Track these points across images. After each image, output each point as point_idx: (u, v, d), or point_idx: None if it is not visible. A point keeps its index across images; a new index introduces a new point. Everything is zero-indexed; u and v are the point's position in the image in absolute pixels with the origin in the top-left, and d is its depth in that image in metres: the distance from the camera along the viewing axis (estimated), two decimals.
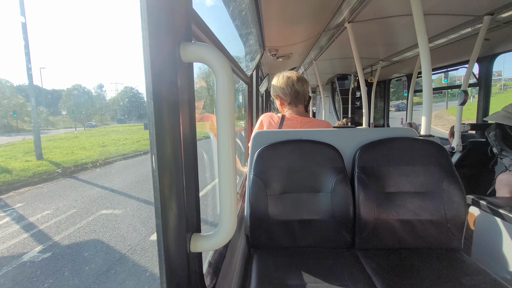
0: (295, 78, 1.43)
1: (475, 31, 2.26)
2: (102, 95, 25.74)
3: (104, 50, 74.96)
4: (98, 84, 27.76)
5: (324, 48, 3.20)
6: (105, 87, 27.15)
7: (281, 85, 1.44)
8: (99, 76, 73.13)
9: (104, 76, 69.24)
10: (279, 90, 1.46)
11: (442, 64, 3.65)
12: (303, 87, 1.44)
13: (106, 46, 70.22)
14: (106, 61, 72.21)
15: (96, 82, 42.44)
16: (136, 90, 10.40)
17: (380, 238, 1.12)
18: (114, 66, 64.11)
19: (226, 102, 0.48)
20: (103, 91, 26.89)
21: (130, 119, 19.29)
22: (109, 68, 63.55)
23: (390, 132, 1.27)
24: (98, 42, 63.66)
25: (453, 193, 1.10)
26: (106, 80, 29.13)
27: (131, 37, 64.36)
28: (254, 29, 2.03)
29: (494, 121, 1.93)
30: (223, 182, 0.50)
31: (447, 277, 0.93)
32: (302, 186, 1.16)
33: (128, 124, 17.87)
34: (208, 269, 0.80)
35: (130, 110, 21.03)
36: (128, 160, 9.20)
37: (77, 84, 25.70)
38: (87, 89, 21.78)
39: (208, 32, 0.77)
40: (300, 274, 0.95)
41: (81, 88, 20.64)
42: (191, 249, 0.53)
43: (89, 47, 73.48)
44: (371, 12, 2.02)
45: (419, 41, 1.43)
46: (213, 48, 0.48)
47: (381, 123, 5.57)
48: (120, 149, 10.17)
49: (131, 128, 16.52)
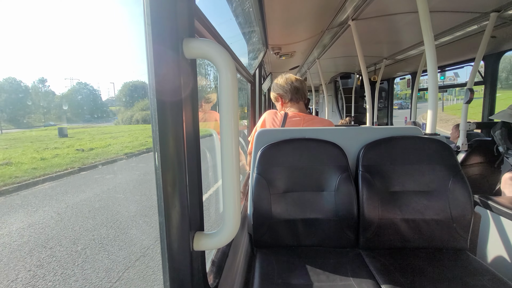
0: (293, 78, 1.55)
1: (481, 29, 2.23)
2: (45, 92, 21.10)
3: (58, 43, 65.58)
4: (39, 79, 21.66)
5: (328, 46, 3.18)
6: (50, 82, 22.96)
7: (281, 83, 1.54)
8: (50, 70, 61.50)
9: (57, 70, 58.14)
10: (279, 89, 1.54)
11: (447, 62, 3.61)
12: (301, 84, 1.54)
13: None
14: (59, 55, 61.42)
15: (38, 76, 35.46)
16: (90, 87, 8.78)
17: (384, 238, 1.10)
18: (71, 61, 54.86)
19: (229, 99, 0.48)
20: (46, 86, 21.59)
21: (75, 120, 16.59)
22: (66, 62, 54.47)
23: (395, 130, 1.26)
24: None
25: (459, 192, 1.09)
26: (60, 75, 24.97)
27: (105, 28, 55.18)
28: (257, 27, 2.02)
29: (500, 120, 1.91)
30: (227, 180, 0.50)
31: (452, 277, 0.91)
32: (305, 185, 1.16)
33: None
34: (211, 268, 0.80)
35: (78, 110, 17.62)
36: None
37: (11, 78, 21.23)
38: (23, 84, 18.23)
39: (211, 29, 0.76)
40: (304, 273, 0.95)
41: (15, 82, 17.32)
42: (194, 247, 0.52)
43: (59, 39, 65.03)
44: (375, 9, 2.00)
45: (425, 38, 1.41)
46: (216, 44, 0.47)
47: (384, 121, 5.52)
48: None
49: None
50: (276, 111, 1.52)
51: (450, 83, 13.51)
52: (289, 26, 2.32)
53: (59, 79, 27.04)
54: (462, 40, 2.59)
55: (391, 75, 5.11)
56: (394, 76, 5.15)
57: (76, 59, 25.88)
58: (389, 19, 2.23)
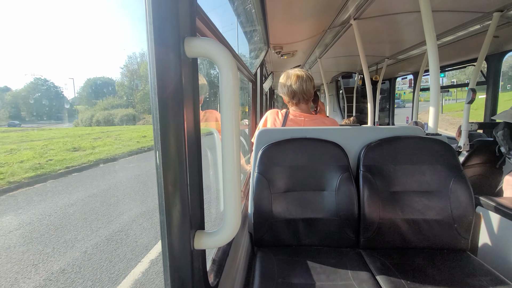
0: (293, 78, 1.43)
1: (484, 28, 2.22)
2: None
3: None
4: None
5: (329, 45, 3.17)
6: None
7: (281, 85, 1.50)
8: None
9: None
10: (280, 89, 1.51)
11: (450, 62, 3.59)
12: (302, 86, 1.42)
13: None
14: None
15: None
16: (51, 83, 8.04)
17: (385, 238, 1.10)
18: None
19: (231, 98, 0.48)
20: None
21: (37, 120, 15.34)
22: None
23: (396, 130, 1.25)
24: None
25: (460, 192, 1.09)
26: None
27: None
28: (259, 26, 2.02)
29: (503, 120, 1.90)
30: (227, 179, 0.50)
31: (453, 277, 0.91)
32: (306, 184, 1.16)
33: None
34: (212, 267, 0.80)
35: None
36: None
37: None
38: None
39: (213, 28, 0.76)
40: (304, 273, 0.95)
41: None
42: (195, 246, 0.53)
43: None
44: (378, 8, 1.99)
45: (427, 38, 1.41)
46: (218, 43, 0.47)
47: (385, 121, 5.51)
48: None
49: None
50: (278, 110, 1.51)
51: (450, 84, 13.46)
52: (291, 25, 2.31)
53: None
54: (465, 40, 2.58)
55: (392, 75, 5.09)
56: (396, 76, 5.13)
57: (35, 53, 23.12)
58: (391, 19, 2.22)
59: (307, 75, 1.45)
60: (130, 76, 13.24)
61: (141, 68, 12.79)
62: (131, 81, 13.11)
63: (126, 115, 12.13)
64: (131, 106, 13.06)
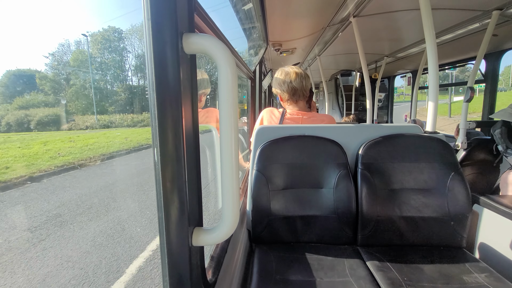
0: (293, 75, 1.41)
1: (483, 27, 2.22)
2: None
3: None
4: None
5: (329, 43, 3.16)
6: None
7: (279, 82, 1.43)
8: None
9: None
10: (277, 86, 1.45)
11: (448, 60, 3.59)
12: (302, 83, 1.41)
13: None
14: None
15: None
16: None
17: (382, 235, 1.11)
18: None
19: (229, 95, 0.47)
20: None
21: None
22: None
23: (395, 128, 1.26)
24: None
25: (457, 190, 1.09)
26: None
27: None
28: (258, 23, 2.01)
29: (500, 119, 1.91)
30: (226, 176, 0.50)
31: (450, 274, 0.92)
32: (304, 182, 1.16)
33: None
34: (210, 263, 0.81)
35: None
36: None
37: None
38: None
39: (211, 24, 0.76)
40: (302, 269, 0.95)
41: None
42: (193, 243, 0.53)
43: None
44: (377, 6, 1.99)
45: (426, 36, 1.41)
46: (216, 39, 0.47)
47: (384, 119, 5.52)
48: None
49: None
50: (274, 109, 1.49)
51: (449, 82, 13.47)
52: (290, 22, 2.30)
53: None
54: (464, 38, 2.58)
55: (391, 73, 5.09)
56: (395, 74, 5.13)
57: None
58: (391, 16, 2.21)
59: (305, 72, 1.45)
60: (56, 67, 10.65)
61: (72, 57, 10.30)
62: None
63: (48, 115, 8.89)
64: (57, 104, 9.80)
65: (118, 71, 26.91)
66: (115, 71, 26.37)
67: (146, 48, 0.43)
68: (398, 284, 0.87)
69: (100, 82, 23.26)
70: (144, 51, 0.44)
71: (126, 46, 28.91)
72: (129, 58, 28.73)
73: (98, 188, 4.52)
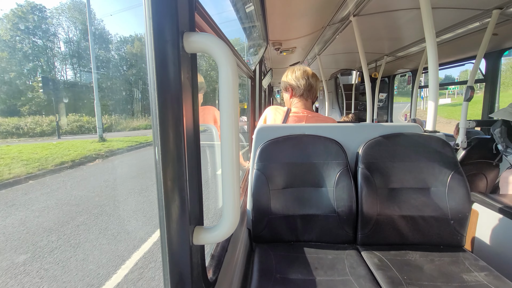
0: (310, 72, 1.49)
1: (483, 26, 2.22)
2: None
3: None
4: None
5: (329, 42, 3.16)
6: None
7: (297, 76, 1.47)
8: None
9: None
10: (293, 80, 1.48)
11: (448, 59, 3.59)
12: (316, 82, 1.49)
13: None
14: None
15: None
16: None
17: (382, 234, 1.11)
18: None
19: (230, 94, 0.47)
20: None
21: None
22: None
23: (395, 128, 1.26)
24: None
25: (457, 189, 1.09)
26: None
27: None
28: (258, 22, 2.01)
29: (500, 118, 1.91)
30: (226, 175, 0.50)
31: (449, 273, 0.92)
32: (305, 181, 1.16)
33: None
34: (211, 262, 0.81)
35: None
36: None
37: None
38: None
39: (212, 24, 0.76)
40: (302, 268, 0.95)
41: None
42: (194, 241, 0.53)
43: None
44: (377, 5, 1.99)
45: (426, 35, 1.40)
46: (217, 38, 0.47)
47: (384, 118, 5.52)
48: None
49: None
50: (278, 106, 1.50)
51: (449, 82, 13.46)
52: (290, 21, 2.30)
53: None
54: (464, 37, 2.57)
55: (391, 72, 5.09)
56: (395, 73, 5.13)
57: None
58: (391, 16, 2.21)
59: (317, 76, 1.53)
60: None
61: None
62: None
63: None
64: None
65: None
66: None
67: (147, 47, 0.43)
68: (398, 282, 0.87)
69: None
70: (145, 50, 0.44)
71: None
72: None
73: None
